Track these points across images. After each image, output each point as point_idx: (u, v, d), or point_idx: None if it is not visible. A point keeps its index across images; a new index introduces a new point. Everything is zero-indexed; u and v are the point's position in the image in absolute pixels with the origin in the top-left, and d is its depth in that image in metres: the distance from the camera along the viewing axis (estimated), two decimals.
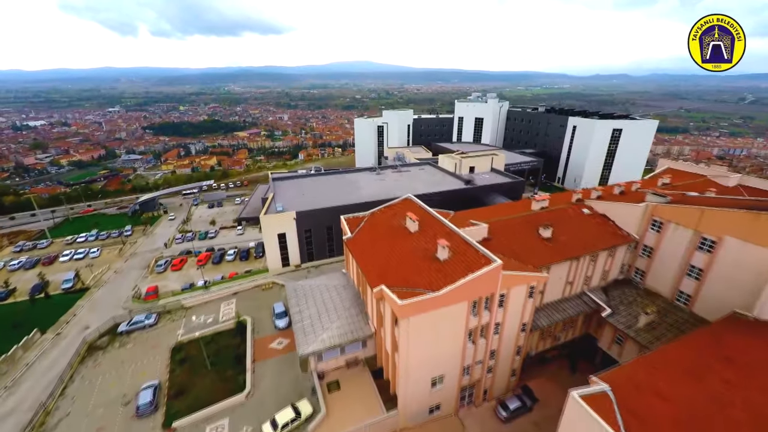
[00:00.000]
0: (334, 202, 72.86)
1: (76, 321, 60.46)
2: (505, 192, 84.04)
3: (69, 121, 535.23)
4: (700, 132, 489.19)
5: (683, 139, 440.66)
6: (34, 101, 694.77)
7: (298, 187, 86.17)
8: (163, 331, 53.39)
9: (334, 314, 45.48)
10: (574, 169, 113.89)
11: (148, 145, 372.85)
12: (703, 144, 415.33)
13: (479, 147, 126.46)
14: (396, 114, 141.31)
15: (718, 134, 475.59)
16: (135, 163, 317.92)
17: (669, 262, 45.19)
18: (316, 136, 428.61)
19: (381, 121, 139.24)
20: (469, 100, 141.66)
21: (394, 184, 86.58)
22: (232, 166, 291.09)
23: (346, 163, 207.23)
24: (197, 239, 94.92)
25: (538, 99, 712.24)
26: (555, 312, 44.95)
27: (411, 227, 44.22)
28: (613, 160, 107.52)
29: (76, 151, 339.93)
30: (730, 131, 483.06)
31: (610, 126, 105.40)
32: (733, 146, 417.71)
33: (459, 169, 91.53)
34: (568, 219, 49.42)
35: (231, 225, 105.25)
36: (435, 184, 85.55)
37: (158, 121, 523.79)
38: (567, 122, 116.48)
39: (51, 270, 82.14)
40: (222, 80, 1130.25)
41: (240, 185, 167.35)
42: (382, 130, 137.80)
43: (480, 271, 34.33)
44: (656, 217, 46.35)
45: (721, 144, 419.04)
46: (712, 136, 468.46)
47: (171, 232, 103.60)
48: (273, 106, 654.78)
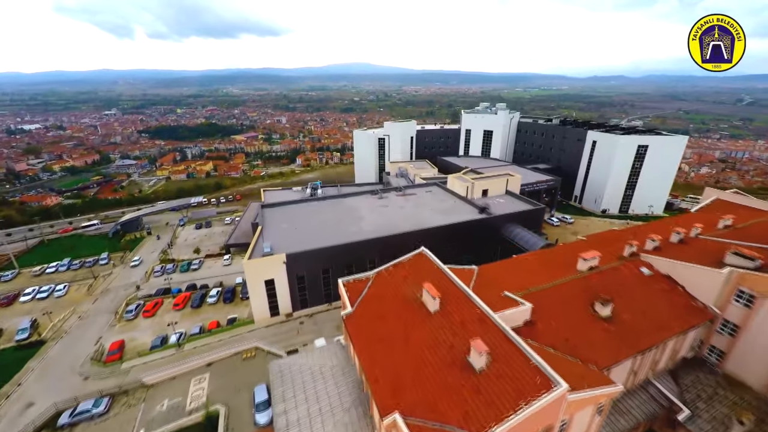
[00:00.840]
0: (331, 240, 61.73)
1: (19, 394, 49.15)
2: (524, 221, 73.08)
3: (65, 124, 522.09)
4: (700, 134, 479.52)
5: None
6: (30, 104, 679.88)
7: (290, 216, 74.94)
8: (115, 423, 41.95)
9: (329, 417, 34.37)
10: (593, 188, 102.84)
11: (144, 150, 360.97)
12: (705, 147, 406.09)
13: (488, 162, 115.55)
14: (398, 126, 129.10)
15: (719, 136, 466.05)
16: (129, 168, 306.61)
17: (763, 348, 34.28)
18: (314, 139, 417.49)
19: (382, 133, 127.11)
20: (477, 111, 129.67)
21: (399, 212, 75.51)
22: (228, 172, 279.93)
23: (345, 173, 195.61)
24: (178, 271, 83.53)
25: (537, 100, 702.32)
26: (618, 417, 33.87)
27: (430, 305, 33.10)
28: (637, 179, 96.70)
29: (70, 156, 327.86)
30: (730, 133, 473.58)
31: (635, 142, 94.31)
32: (735, 149, 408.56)
33: (471, 193, 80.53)
34: (626, 285, 38.33)
35: (218, 252, 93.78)
36: (445, 213, 74.48)
37: (155, 124, 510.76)
38: (586, 136, 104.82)
39: (9, 313, 70.62)
40: (220, 82, 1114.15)
41: (232, 200, 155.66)
42: (383, 143, 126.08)
43: (538, 403, 23.30)
44: (744, 288, 35.36)
45: (723, 146, 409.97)
46: (713, 138, 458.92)
47: (151, 260, 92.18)
48: (271, 109, 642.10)
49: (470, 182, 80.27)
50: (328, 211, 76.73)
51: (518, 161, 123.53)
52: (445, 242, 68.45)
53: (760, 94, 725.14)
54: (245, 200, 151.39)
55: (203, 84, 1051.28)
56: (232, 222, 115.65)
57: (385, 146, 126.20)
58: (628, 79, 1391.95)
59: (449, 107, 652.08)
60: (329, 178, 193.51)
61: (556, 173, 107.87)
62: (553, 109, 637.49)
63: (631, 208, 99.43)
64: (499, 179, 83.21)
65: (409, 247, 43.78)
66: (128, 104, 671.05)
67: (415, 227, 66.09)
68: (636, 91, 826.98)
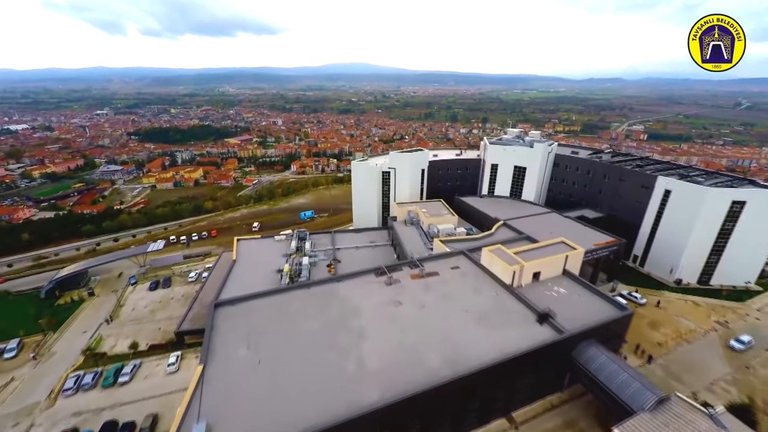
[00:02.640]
0: (311, 409, 35.17)
1: None
2: (602, 337, 46.97)
3: (53, 124, 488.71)
4: (703, 140, 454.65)
5: (688, 148, 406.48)
6: (21, 102, 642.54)
7: (254, 327, 47.88)
8: None
9: None
10: (664, 250, 75.08)
11: (132, 154, 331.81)
12: (710, 154, 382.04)
13: (521, 208, 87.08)
14: (407, 157, 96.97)
15: (722, 143, 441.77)
16: (114, 174, 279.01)
17: None
18: (310, 143, 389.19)
19: (386, 165, 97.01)
20: (506, 142, 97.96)
21: (419, 319, 48.63)
22: (218, 180, 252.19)
23: (341, 198, 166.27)
24: (100, 386, 56.43)
25: (536, 103, 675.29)
26: None
27: None
28: (726, 243, 70.73)
29: (52, 161, 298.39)
30: (733, 139, 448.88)
31: (728, 197, 67.07)
32: (741, 156, 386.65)
33: (518, 279, 54.25)
34: None
35: (167, 341, 66.48)
36: (487, 321, 47.87)
37: (146, 125, 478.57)
38: (655, 183, 75.56)
39: None
40: (217, 81, 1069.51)
41: (206, 236, 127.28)
42: (388, 177, 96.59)
43: None
44: None
45: (728, 154, 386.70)
46: (717, 144, 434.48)
47: (75, 354, 65.05)
48: (267, 109, 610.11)
49: (518, 265, 53.66)
50: (313, 316, 49.48)
51: (554, 203, 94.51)
52: (492, 386, 42.53)
53: (757, 98, 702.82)
54: (222, 237, 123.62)
55: (199, 82, 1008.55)
56: (198, 279, 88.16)
57: (391, 181, 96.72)
58: (624, 82, 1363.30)
59: (448, 109, 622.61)
60: (324, 204, 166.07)
61: (608, 225, 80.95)
62: (552, 112, 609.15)
63: (715, 279, 73.15)
64: (556, 258, 56.69)
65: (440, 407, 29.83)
66: (122, 103, 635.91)
67: (451, 368, 39.51)
68: (633, 94, 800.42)
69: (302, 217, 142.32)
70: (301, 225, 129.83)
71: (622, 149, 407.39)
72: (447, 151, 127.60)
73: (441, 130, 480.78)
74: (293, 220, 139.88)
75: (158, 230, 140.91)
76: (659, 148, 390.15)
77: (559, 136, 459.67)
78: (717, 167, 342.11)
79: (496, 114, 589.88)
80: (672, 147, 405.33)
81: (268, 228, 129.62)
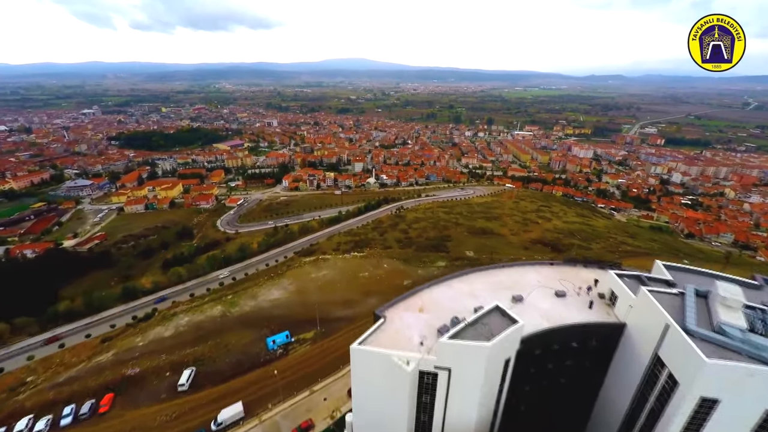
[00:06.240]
0: None
1: None
2: None
3: (34, 125, 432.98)
4: (723, 146, 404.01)
5: (712, 156, 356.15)
6: (9, 99, 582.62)
7: None
8: None
9: None
10: None
11: (108, 164, 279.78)
12: (738, 164, 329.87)
13: None
14: (478, 350, 27.69)
15: (745, 149, 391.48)
16: (82, 191, 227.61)
17: None
18: (306, 150, 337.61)
19: (432, 359, 28.63)
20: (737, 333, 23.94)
21: None
22: (197, 201, 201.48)
23: (337, 288, 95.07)
24: None
25: (540, 102, 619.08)
26: None
27: None
28: None
29: (14, 175, 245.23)
30: (756, 145, 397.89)
31: None
32: None
33: None
34: None
35: None
36: None
37: (133, 127, 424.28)
38: None
39: None
40: (213, 77, 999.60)
41: (90, 413, 59.72)
42: (432, 382, 29.91)
43: None
44: None
45: (756, 164, 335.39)
46: (739, 151, 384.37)
47: None
48: (263, 108, 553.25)
49: None
50: None
51: None
52: None
53: (762, 97, 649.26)
54: (115, 414, 62.69)
55: (196, 78, 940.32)
56: None
57: (437, 390, 30.45)
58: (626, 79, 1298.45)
59: (450, 108, 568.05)
60: (308, 301, 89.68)
61: None
62: (558, 112, 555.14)
63: None
64: None
65: None
66: (113, 100, 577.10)
67: None
68: (635, 92, 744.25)
69: (270, 348, 75.32)
70: (268, 367, 68.91)
71: (641, 155, 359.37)
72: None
73: (445, 133, 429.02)
74: (255, 352, 74.31)
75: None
76: (681, 156, 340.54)
77: (572, 140, 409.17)
78: (751, 181, 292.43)
79: (501, 114, 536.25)
80: (694, 154, 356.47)
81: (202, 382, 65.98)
